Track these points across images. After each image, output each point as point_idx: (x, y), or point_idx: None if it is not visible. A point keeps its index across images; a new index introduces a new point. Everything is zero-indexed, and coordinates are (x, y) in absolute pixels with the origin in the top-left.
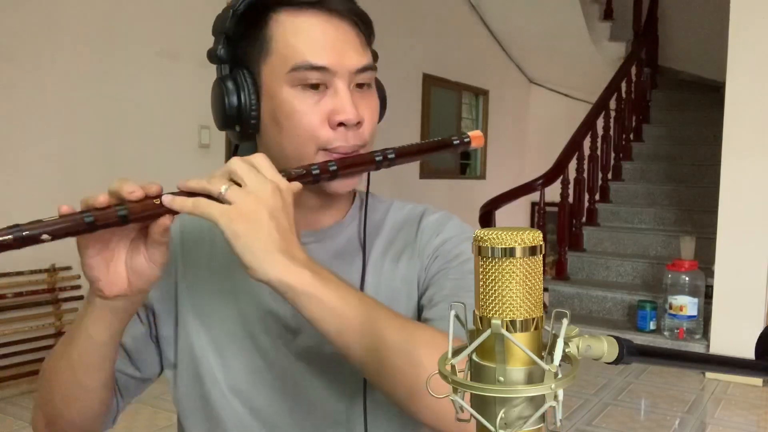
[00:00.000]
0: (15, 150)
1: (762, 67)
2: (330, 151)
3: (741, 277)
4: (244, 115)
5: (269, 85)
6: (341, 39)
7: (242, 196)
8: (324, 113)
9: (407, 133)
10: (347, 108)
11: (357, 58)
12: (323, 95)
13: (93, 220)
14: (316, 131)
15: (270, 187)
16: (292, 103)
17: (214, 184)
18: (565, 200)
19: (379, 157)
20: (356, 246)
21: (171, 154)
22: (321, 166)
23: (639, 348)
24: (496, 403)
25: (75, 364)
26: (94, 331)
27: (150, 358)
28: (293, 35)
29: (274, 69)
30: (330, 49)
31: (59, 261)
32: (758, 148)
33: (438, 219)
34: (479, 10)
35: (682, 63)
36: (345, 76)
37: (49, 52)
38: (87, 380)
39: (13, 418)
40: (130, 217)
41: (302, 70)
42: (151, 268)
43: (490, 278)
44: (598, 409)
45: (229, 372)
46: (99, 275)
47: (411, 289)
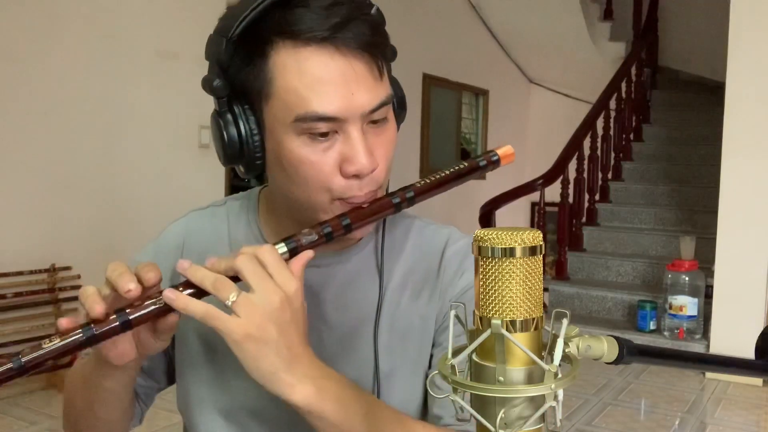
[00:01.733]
0: (15, 150)
1: (762, 67)
2: (345, 200)
3: (741, 277)
4: (248, 153)
5: (273, 129)
6: (350, 79)
7: (250, 311)
8: (335, 161)
9: (407, 133)
10: (361, 158)
11: (369, 98)
12: (334, 142)
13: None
14: (327, 182)
15: (279, 298)
16: (299, 154)
17: (220, 290)
18: (565, 200)
19: (397, 200)
20: (372, 270)
21: (171, 154)
22: (333, 224)
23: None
24: (496, 403)
25: (92, 404)
26: (107, 384)
27: (163, 369)
28: (297, 78)
29: (276, 114)
30: (338, 94)
31: (59, 261)
32: (758, 148)
33: (462, 250)
34: (479, 10)
35: (682, 63)
36: (357, 120)
37: (49, 52)
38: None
39: (13, 418)
40: (134, 324)
41: (308, 121)
42: (159, 343)
43: (490, 278)
44: (598, 409)
45: (228, 396)
46: (108, 353)
47: (427, 327)
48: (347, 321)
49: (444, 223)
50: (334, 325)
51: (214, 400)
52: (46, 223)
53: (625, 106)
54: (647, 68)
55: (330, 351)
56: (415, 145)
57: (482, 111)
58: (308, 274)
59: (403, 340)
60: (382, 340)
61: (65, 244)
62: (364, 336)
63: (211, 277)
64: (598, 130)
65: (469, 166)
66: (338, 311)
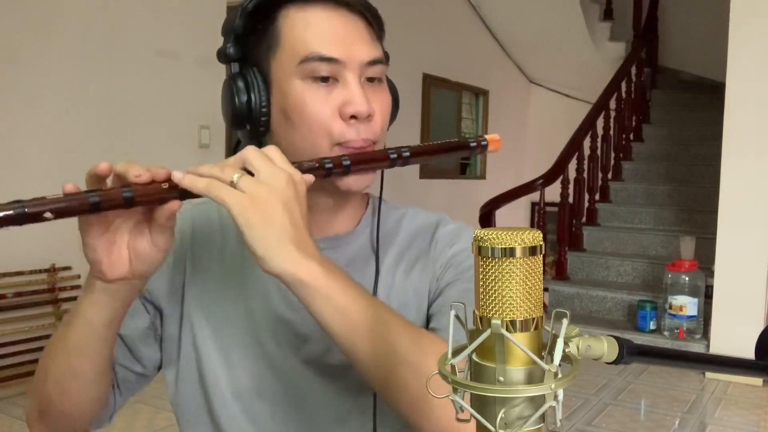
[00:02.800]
0: (15, 150)
1: (762, 67)
2: (343, 145)
3: (741, 277)
4: (255, 112)
5: (279, 80)
6: (351, 31)
7: (255, 186)
8: (335, 105)
9: (407, 133)
10: (358, 99)
11: (367, 50)
12: (333, 88)
13: (98, 200)
14: (328, 124)
15: (284, 177)
16: (303, 96)
17: (226, 172)
18: (565, 200)
19: (394, 154)
20: (369, 254)
21: (171, 154)
22: (334, 160)
23: (639, 348)
24: (496, 403)
25: (71, 348)
26: (92, 314)
27: (151, 354)
28: (302, 28)
29: (283, 63)
30: (340, 41)
31: (59, 261)
32: (758, 148)
33: (453, 230)
34: (479, 10)
35: (682, 63)
36: (355, 68)
37: (49, 52)
38: (82, 366)
39: (13, 418)
40: (136, 200)
41: (312, 62)
42: (155, 253)
43: (490, 278)
44: (598, 409)
45: (234, 377)
46: (100, 257)
47: (421, 301)
48: None
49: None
50: None
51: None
52: (46, 224)
53: (625, 106)
54: (647, 68)
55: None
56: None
57: (482, 111)
58: None
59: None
60: None
61: (65, 244)
62: None
63: (218, 165)
64: (598, 130)
65: (459, 142)
66: None
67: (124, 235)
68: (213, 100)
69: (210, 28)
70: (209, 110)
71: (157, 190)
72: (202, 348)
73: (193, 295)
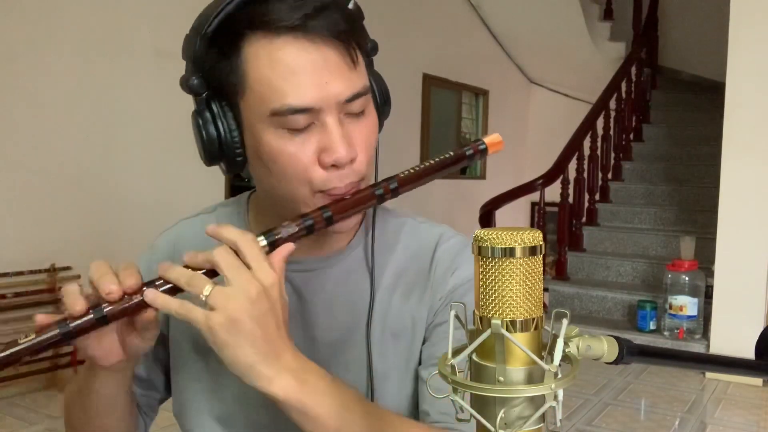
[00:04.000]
0: (15, 150)
1: (762, 67)
2: (326, 192)
3: (741, 277)
4: (227, 151)
5: (250, 123)
6: (325, 68)
7: (224, 303)
8: (313, 152)
9: (407, 133)
10: (338, 147)
11: (344, 87)
12: (311, 133)
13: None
14: (307, 173)
15: (254, 289)
16: (277, 147)
17: (194, 285)
18: (565, 200)
19: (380, 191)
20: (364, 272)
21: (171, 153)
22: (314, 216)
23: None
24: (496, 403)
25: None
26: (100, 388)
27: (162, 378)
28: (269, 69)
29: (252, 108)
30: (313, 84)
31: (59, 261)
32: (758, 148)
33: (454, 248)
34: (479, 10)
35: (682, 63)
36: (333, 109)
37: (48, 52)
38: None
39: (13, 418)
40: (111, 318)
41: (285, 115)
42: (145, 342)
43: (490, 278)
44: (598, 409)
45: (221, 401)
46: (94, 353)
47: (418, 328)
48: (339, 323)
49: (443, 223)
50: (327, 328)
51: (209, 408)
52: (46, 223)
53: (625, 106)
54: (647, 68)
55: (323, 354)
56: (415, 145)
57: (482, 111)
58: (299, 278)
59: (396, 340)
60: (375, 341)
61: (65, 244)
62: (356, 338)
63: (186, 275)
64: (598, 130)
65: (455, 156)
66: (330, 314)
67: (112, 332)
68: None
69: None
70: None
71: (129, 305)
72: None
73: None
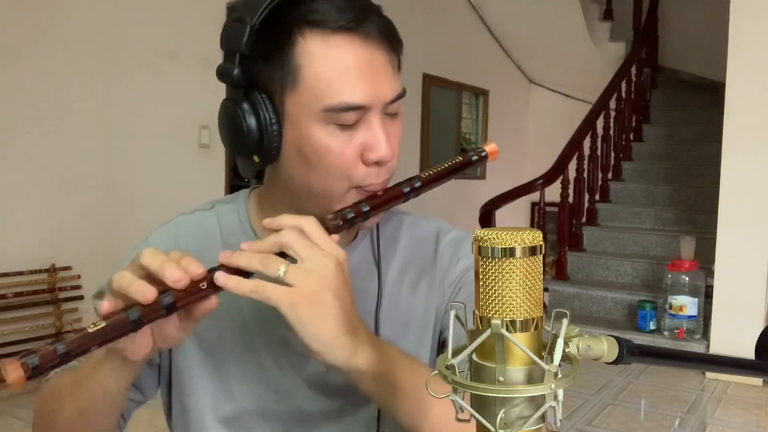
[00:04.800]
0: (15, 150)
1: (762, 67)
2: (362, 188)
3: (741, 277)
4: (266, 143)
5: (295, 117)
6: (376, 68)
7: (304, 278)
8: (357, 149)
9: (407, 133)
10: (383, 146)
11: (390, 87)
12: (356, 130)
13: (139, 317)
14: (349, 170)
15: (332, 264)
16: (325, 141)
17: (268, 265)
18: (565, 200)
19: (407, 188)
20: (370, 266)
21: (171, 154)
22: (355, 210)
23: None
24: (496, 403)
25: (86, 410)
26: (109, 383)
27: (149, 381)
28: (325, 67)
29: (302, 102)
30: (366, 83)
31: (59, 261)
32: (758, 148)
33: (455, 239)
34: (479, 10)
35: (682, 63)
36: (378, 108)
37: (49, 52)
38: (97, 423)
39: (13, 418)
40: (178, 306)
41: (338, 111)
42: (180, 335)
43: (490, 278)
44: (598, 409)
45: (232, 399)
46: (125, 345)
47: (428, 318)
48: None
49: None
50: None
51: (215, 410)
52: (46, 223)
53: (625, 106)
54: (647, 68)
55: None
56: (415, 145)
57: (482, 111)
58: None
59: (405, 330)
60: (384, 332)
61: (65, 244)
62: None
63: (258, 257)
64: (598, 130)
65: (463, 160)
66: None
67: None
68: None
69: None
70: (209, 110)
71: (197, 292)
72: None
73: None
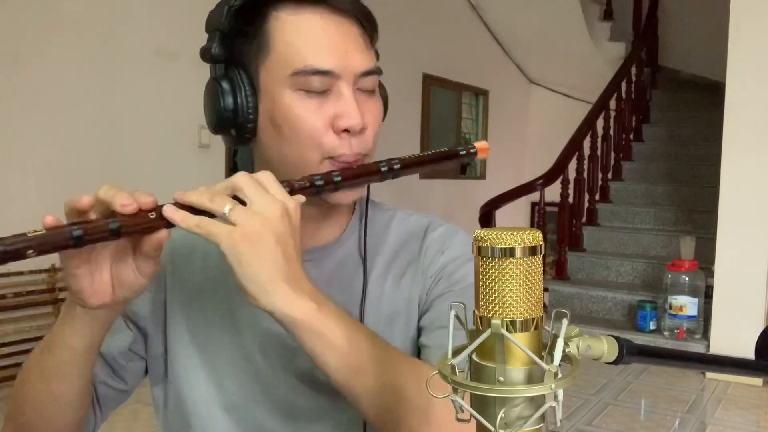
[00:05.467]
0: (14, 150)
1: (762, 67)
2: (334, 159)
3: (741, 277)
4: (241, 117)
5: (268, 87)
6: (346, 39)
7: (248, 218)
8: (327, 118)
9: (407, 133)
10: (352, 113)
11: (362, 59)
12: (326, 99)
13: (81, 234)
14: (319, 137)
15: (279, 208)
16: (294, 108)
17: (216, 202)
18: (565, 200)
19: (385, 167)
20: (357, 261)
21: (171, 154)
22: (325, 177)
23: (639, 348)
24: (496, 403)
25: (49, 374)
26: (73, 339)
27: (133, 371)
28: (295, 35)
29: (273, 71)
30: (335, 51)
31: (59, 261)
32: (758, 148)
33: (443, 234)
34: (479, 10)
35: (682, 63)
36: (350, 78)
37: (49, 52)
38: (62, 391)
39: None
40: (123, 231)
41: (305, 75)
42: (139, 279)
43: (490, 278)
44: (598, 409)
45: (222, 393)
46: (83, 286)
47: (411, 310)
48: None
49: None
50: None
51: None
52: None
53: (625, 106)
54: (647, 68)
55: None
56: (415, 145)
57: (482, 111)
58: None
59: (390, 324)
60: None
61: None
62: None
63: (207, 193)
64: (598, 130)
65: (449, 151)
66: None
67: (107, 262)
68: None
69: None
70: None
71: (144, 220)
72: (188, 366)
73: (176, 312)
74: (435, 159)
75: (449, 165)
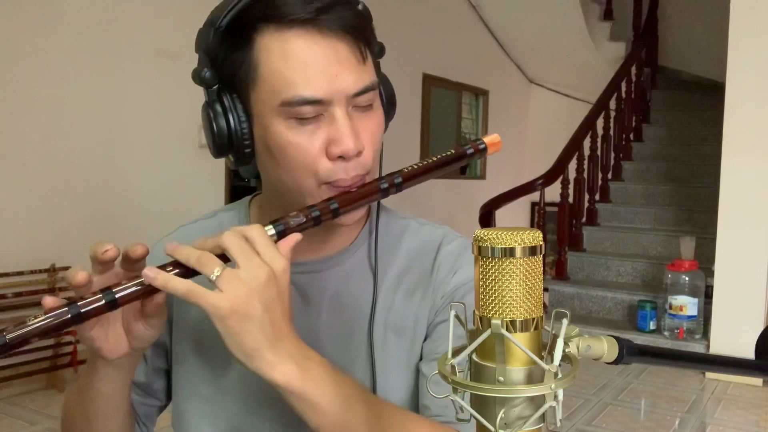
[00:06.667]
0: (15, 150)
1: (762, 67)
2: (331, 184)
3: (741, 277)
4: (236, 143)
5: (260, 114)
6: (335, 61)
7: (235, 286)
8: (321, 144)
9: (407, 133)
10: (346, 139)
11: (353, 80)
12: (319, 124)
13: (80, 313)
14: (314, 165)
15: (265, 274)
16: (286, 136)
17: (204, 264)
18: (565, 200)
19: (385, 184)
20: (367, 271)
21: (171, 154)
22: (321, 207)
23: (639, 348)
24: (496, 403)
25: (91, 416)
26: (102, 386)
27: (163, 387)
28: (281, 61)
29: (263, 99)
30: (324, 76)
31: (59, 261)
32: (758, 148)
33: (456, 250)
34: (479, 10)
35: (682, 63)
36: (342, 102)
37: (49, 52)
38: (106, 426)
39: (13, 418)
40: (120, 302)
41: (294, 105)
42: (150, 331)
43: (490, 278)
44: (598, 409)
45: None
46: (100, 345)
47: (419, 326)
48: (343, 323)
49: (443, 224)
50: (330, 327)
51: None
52: (46, 223)
53: (625, 106)
54: (647, 68)
55: (326, 353)
56: (415, 145)
57: (482, 111)
58: (303, 279)
59: (398, 338)
60: (378, 339)
61: (65, 244)
62: (359, 336)
63: (195, 253)
64: (598, 130)
65: (456, 153)
66: (334, 314)
67: (118, 321)
68: None
69: None
70: None
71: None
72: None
73: (182, 327)
74: (440, 165)
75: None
